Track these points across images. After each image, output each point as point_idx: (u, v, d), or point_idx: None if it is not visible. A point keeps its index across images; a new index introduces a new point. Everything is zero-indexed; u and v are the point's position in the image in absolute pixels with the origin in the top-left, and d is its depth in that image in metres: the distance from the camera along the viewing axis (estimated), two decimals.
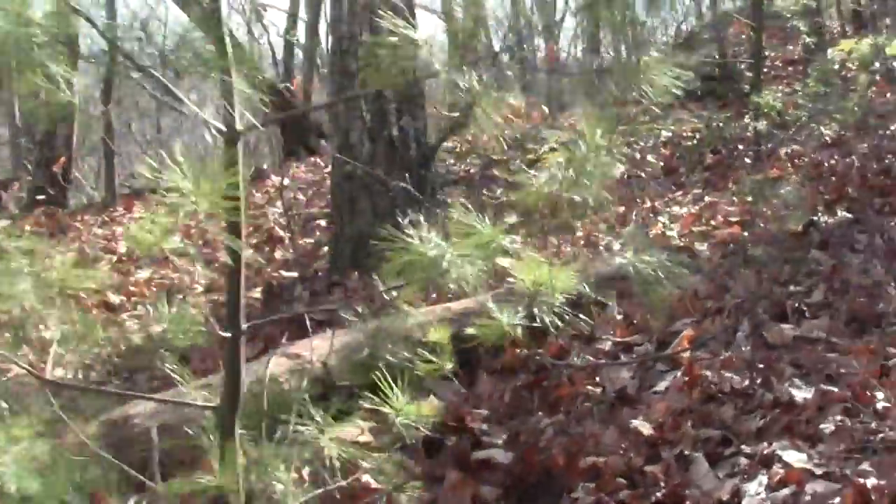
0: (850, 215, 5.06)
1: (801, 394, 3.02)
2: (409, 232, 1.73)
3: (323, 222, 5.94)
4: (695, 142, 7.30)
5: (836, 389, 2.99)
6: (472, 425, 2.84)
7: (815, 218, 4.81)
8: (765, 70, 10.02)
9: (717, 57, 8.82)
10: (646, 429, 2.65)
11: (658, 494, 2.43)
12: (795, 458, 2.58)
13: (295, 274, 4.64)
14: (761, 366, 3.17)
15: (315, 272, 4.63)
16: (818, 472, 2.52)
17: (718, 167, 6.63)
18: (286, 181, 7.54)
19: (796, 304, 3.69)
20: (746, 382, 3.01)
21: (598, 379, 3.15)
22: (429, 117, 4.77)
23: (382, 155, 4.48)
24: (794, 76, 9.11)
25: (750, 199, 5.47)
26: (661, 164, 6.92)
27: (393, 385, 1.85)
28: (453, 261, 1.64)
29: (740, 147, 7.01)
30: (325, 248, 4.99)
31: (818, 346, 3.34)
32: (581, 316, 2.58)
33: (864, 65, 9.28)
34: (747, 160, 6.73)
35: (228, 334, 1.68)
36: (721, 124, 6.73)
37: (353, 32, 4.48)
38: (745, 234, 4.94)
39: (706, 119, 7.47)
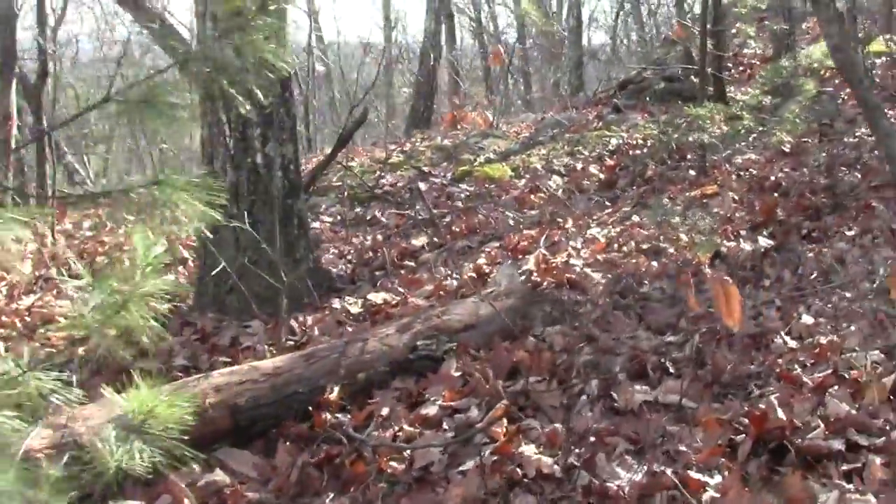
0: (771, 242, 4.65)
1: (628, 476, 2.67)
2: None
3: None
4: (644, 150, 6.89)
5: (669, 471, 2.63)
6: None
7: (723, 248, 4.40)
8: (740, 69, 9.55)
9: (684, 58, 8.34)
10: None
11: None
12: None
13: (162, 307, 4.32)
14: (592, 439, 2.83)
15: (175, 307, 4.33)
16: None
17: (659, 180, 6.21)
18: None
19: (661, 360, 3.31)
20: (561, 463, 2.66)
21: (406, 453, 2.82)
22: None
23: (246, 184, 4.17)
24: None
25: (676, 219, 5.08)
26: (602, 175, 6.50)
27: None
28: None
29: (689, 157, 6.58)
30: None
31: (667, 414, 2.98)
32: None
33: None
34: (692, 172, 6.31)
35: None
36: (662, 135, 6.29)
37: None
38: (654, 263, 4.55)
39: (660, 126, 7.04)
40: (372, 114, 12.29)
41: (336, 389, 3.05)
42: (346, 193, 5.98)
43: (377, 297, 4.16)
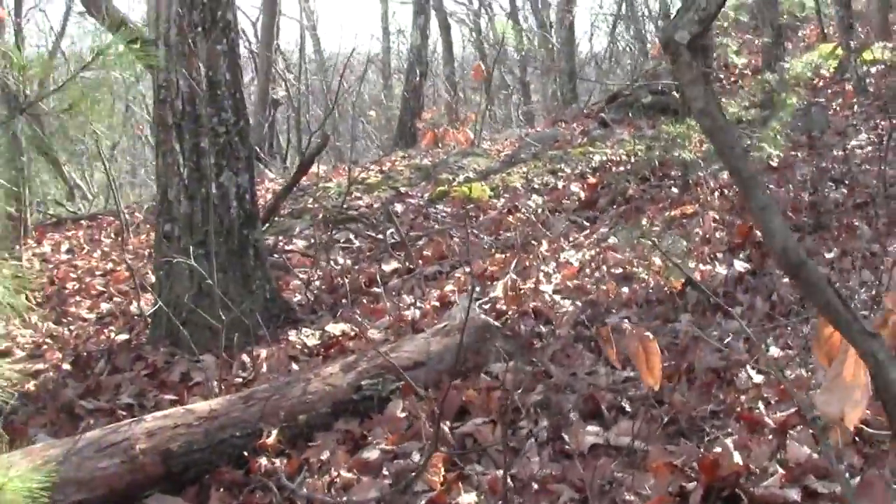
0: (747, 265, 4.49)
1: None
2: None
3: None
4: (628, 166, 6.74)
5: None
6: None
7: (695, 274, 4.25)
8: (732, 80, 9.41)
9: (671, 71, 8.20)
10: None
11: None
12: None
13: (124, 336, 4.22)
14: (535, 487, 2.69)
15: (129, 340, 4.22)
16: None
17: (640, 199, 6.06)
18: None
19: (617, 397, 3.17)
20: None
21: (344, 499, 2.68)
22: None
23: (200, 214, 4.06)
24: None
25: (650, 241, 4.93)
26: (583, 194, 6.36)
27: None
28: None
29: (671, 175, 6.44)
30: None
31: (618, 458, 2.83)
32: None
33: (841, 71, 8.60)
34: (674, 190, 6.16)
35: None
36: (647, 151, 6.14)
37: (168, 81, 4.06)
38: (625, 289, 4.41)
39: (643, 141, 6.89)
40: (360, 127, 12.17)
41: (274, 433, 2.92)
42: (320, 216, 5.86)
43: (336, 329, 4.03)
